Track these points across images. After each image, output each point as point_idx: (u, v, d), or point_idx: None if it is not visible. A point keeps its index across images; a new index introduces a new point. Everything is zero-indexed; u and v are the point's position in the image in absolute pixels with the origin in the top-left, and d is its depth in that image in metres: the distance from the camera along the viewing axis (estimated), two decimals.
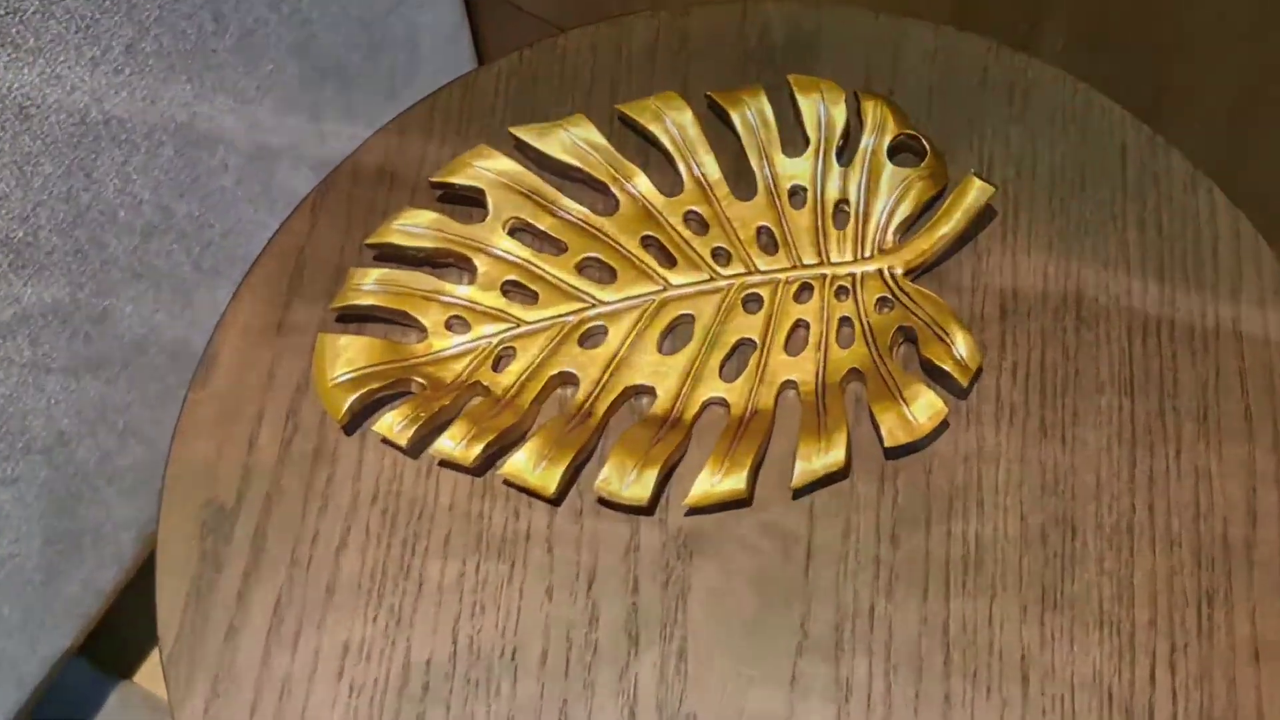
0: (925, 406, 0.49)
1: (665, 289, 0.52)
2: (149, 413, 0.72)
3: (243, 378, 0.51)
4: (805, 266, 0.52)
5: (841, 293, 0.52)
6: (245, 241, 0.73)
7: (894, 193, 0.53)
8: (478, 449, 0.48)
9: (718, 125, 0.55)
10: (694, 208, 0.54)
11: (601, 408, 0.50)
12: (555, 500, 0.48)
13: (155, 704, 0.81)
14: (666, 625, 0.46)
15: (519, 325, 0.52)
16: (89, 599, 0.74)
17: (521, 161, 0.54)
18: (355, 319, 0.52)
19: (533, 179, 0.54)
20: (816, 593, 0.47)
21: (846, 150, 0.55)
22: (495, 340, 0.51)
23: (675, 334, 0.52)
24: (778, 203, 0.54)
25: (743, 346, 0.51)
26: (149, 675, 0.83)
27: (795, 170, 0.54)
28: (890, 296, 0.52)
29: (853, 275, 0.52)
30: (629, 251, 0.53)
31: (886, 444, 0.48)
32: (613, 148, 0.55)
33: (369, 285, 0.52)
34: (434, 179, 0.54)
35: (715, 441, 0.49)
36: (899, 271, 0.52)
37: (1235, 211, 0.53)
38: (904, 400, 0.49)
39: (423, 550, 0.48)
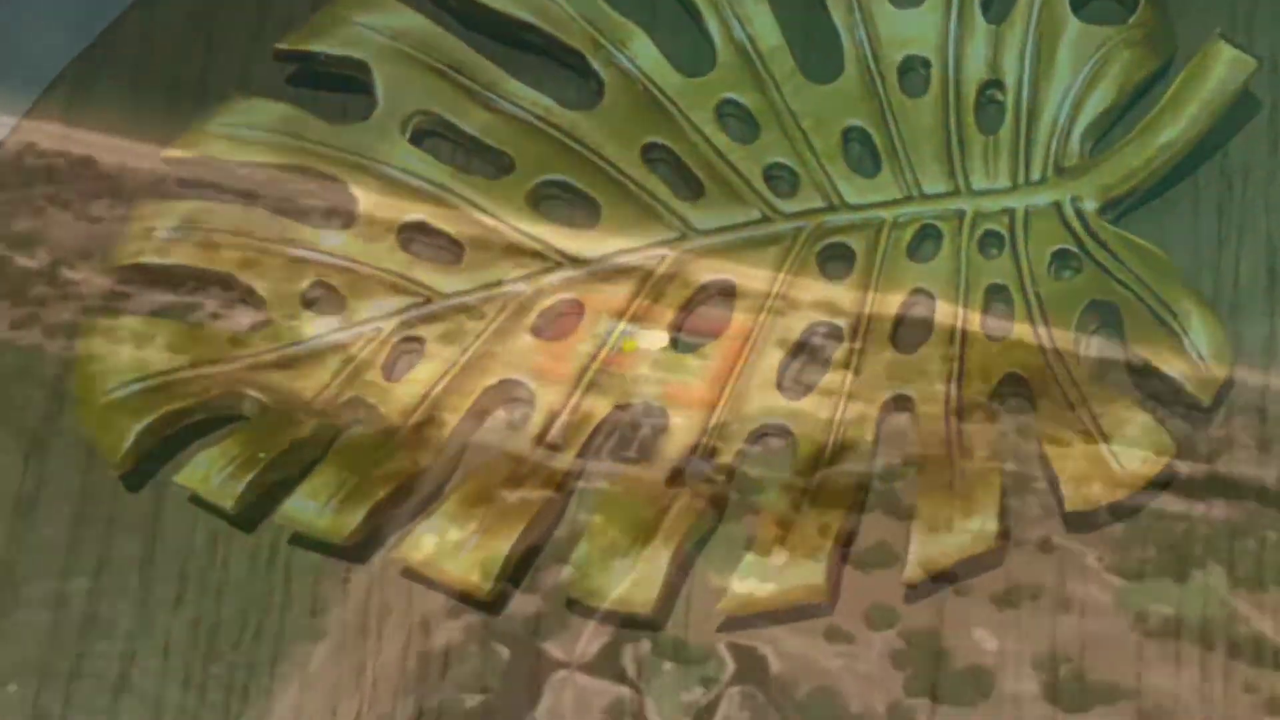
0: (1138, 442, 0.48)
1: (684, 236, 0.52)
2: None
3: None
4: (928, 198, 0.52)
5: (992, 242, 0.52)
6: None
7: (1082, 70, 0.53)
8: (357, 516, 0.48)
9: None
10: (734, 96, 0.53)
11: (574, 444, 0.49)
12: (493, 604, 0.48)
13: None
14: None
15: (430, 300, 0.51)
16: None
17: (434, 15, 0.55)
18: (146, 286, 0.51)
19: (455, 45, 0.54)
20: None
21: None
22: (389, 326, 0.50)
23: (701, 314, 0.51)
24: (879, 88, 0.53)
25: (819, 335, 0.51)
26: None
27: (911, 31, 0.55)
28: (1076, 250, 0.51)
29: (1010, 212, 0.52)
30: (622, 171, 0.52)
31: (1069, 506, 0.48)
32: None
33: (170, 230, 0.52)
34: (283, 45, 0.54)
35: (771, 499, 0.48)
36: (1091, 206, 0.52)
37: None
38: (1100, 431, 0.48)
39: (262, 691, 0.47)
